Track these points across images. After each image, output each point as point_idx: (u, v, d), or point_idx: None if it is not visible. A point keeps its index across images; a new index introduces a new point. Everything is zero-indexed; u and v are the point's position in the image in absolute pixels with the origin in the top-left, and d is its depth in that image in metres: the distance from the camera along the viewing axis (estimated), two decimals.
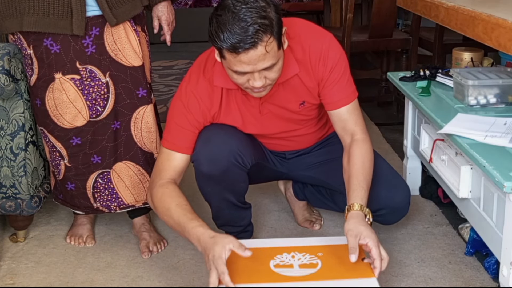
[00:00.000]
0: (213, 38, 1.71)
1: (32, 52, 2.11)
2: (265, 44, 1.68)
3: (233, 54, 1.69)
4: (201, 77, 1.94)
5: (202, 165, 1.96)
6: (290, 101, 1.98)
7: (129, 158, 2.23)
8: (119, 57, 2.15)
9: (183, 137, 1.96)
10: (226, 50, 1.69)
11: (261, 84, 1.77)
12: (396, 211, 2.08)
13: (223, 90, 1.94)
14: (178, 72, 5.03)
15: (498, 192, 1.79)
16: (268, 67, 1.74)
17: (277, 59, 1.76)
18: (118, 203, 2.27)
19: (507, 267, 1.74)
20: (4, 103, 2.19)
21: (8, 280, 2.13)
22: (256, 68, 1.72)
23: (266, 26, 1.68)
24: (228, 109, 1.98)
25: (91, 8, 2.08)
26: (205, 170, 1.97)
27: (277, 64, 1.77)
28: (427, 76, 2.57)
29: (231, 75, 1.79)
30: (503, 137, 1.92)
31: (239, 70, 1.73)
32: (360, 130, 1.96)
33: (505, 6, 2.06)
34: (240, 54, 1.68)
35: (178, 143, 1.96)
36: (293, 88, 1.95)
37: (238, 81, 1.80)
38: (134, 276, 2.13)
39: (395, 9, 3.40)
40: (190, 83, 1.95)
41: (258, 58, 1.69)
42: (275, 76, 1.81)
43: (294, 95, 1.97)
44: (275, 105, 1.98)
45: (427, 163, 2.35)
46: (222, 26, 1.67)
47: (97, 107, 2.16)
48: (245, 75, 1.76)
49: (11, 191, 2.23)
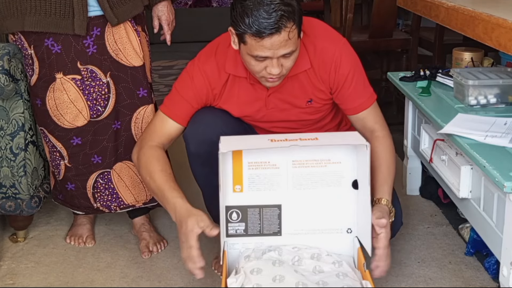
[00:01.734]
0: (237, 22, 1.72)
1: (33, 52, 2.11)
2: (289, 30, 1.71)
3: (257, 38, 1.71)
4: (211, 58, 1.95)
5: (190, 145, 1.98)
6: (297, 97, 1.98)
7: (130, 158, 2.23)
8: (120, 57, 2.15)
9: (182, 107, 1.97)
10: (250, 35, 1.71)
11: (278, 72, 1.78)
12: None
13: (229, 76, 1.95)
14: (178, 72, 5.03)
15: (498, 192, 1.79)
16: (287, 54, 1.76)
17: (296, 47, 1.78)
18: (118, 203, 2.27)
19: (507, 267, 1.74)
20: (4, 103, 2.18)
21: (8, 280, 2.13)
22: (277, 54, 1.74)
23: (289, 12, 1.70)
24: (229, 96, 1.97)
25: (92, 8, 2.08)
26: (192, 150, 1.98)
27: (295, 52, 1.79)
28: (427, 76, 2.57)
29: (248, 61, 1.80)
30: (503, 137, 1.92)
31: (260, 55, 1.74)
32: (380, 127, 1.98)
33: (505, 6, 2.06)
34: (264, 38, 1.70)
35: (176, 112, 1.97)
36: (302, 84, 1.95)
37: (255, 68, 1.80)
38: (134, 276, 2.13)
39: (395, 9, 3.39)
40: (200, 61, 1.97)
41: (280, 43, 1.72)
42: (291, 64, 1.82)
43: (302, 91, 1.97)
44: (282, 100, 1.98)
45: (427, 163, 2.35)
46: (248, 10, 1.69)
47: (98, 107, 2.16)
48: (263, 61, 1.77)
49: (11, 191, 2.23)
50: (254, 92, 1.96)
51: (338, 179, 1.89)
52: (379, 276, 1.79)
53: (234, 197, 1.89)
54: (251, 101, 1.98)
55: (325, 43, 1.92)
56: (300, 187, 1.88)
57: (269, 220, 1.90)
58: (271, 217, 1.90)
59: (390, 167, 1.93)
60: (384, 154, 1.94)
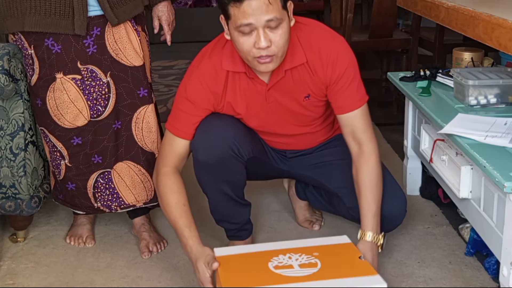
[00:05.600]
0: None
1: (33, 52, 2.11)
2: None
3: (237, 4, 1.73)
4: (205, 60, 1.96)
5: (198, 153, 1.98)
6: (296, 91, 1.98)
7: (130, 158, 2.23)
8: (120, 57, 2.15)
9: (186, 122, 1.98)
10: (231, 5, 1.74)
11: (266, 45, 1.77)
12: (389, 220, 2.06)
13: (228, 74, 1.95)
14: (178, 72, 5.03)
15: (498, 192, 1.79)
16: (271, 21, 1.75)
17: (281, 17, 1.77)
18: (119, 203, 2.27)
19: (507, 267, 1.74)
20: (4, 103, 2.18)
21: (8, 280, 2.13)
22: (260, 20, 1.74)
23: None
24: (232, 92, 1.97)
25: (92, 8, 2.08)
26: (201, 158, 1.98)
27: (281, 26, 1.78)
28: (427, 76, 2.57)
29: (237, 40, 1.80)
30: (503, 137, 1.92)
31: (243, 23, 1.75)
32: (367, 139, 1.98)
33: (505, 6, 2.06)
34: (243, 3, 1.72)
35: (182, 129, 1.98)
36: (300, 78, 1.95)
37: (244, 46, 1.80)
38: (134, 277, 2.13)
39: (395, 9, 3.39)
40: (194, 67, 1.98)
41: (261, 8, 1.73)
42: (281, 41, 1.80)
43: (300, 85, 1.97)
44: (281, 94, 1.98)
45: (427, 163, 2.35)
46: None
47: (98, 107, 2.16)
48: (250, 36, 1.77)
49: (10, 191, 2.23)
50: (253, 86, 1.96)
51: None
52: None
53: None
54: (252, 95, 1.98)
55: (322, 40, 1.93)
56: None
57: None
58: None
59: (375, 191, 1.97)
60: (369, 177, 1.97)
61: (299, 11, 4.99)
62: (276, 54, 1.81)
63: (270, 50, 1.79)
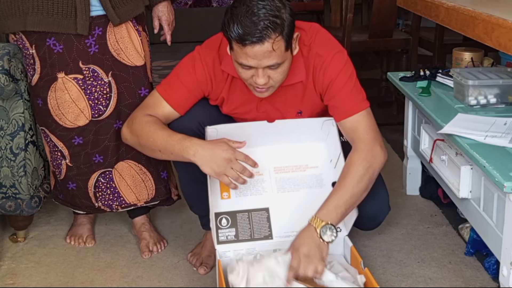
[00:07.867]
0: (224, 27, 1.74)
1: (34, 51, 2.11)
2: (272, 42, 1.70)
3: (240, 45, 1.71)
4: (214, 52, 1.95)
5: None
6: (288, 106, 1.97)
7: (131, 157, 2.23)
8: (122, 56, 2.16)
9: (180, 93, 1.96)
10: (234, 41, 1.72)
11: (264, 82, 1.78)
12: (369, 219, 2.03)
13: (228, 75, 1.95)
14: None
15: (498, 192, 1.79)
16: (272, 66, 1.75)
17: (283, 60, 1.76)
18: (119, 202, 2.27)
19: (507, 267, 1.74)
20: (4, 103, 2.19)
21: (8, 280, 2.13)
22: (261, 64, 1.74)
23: (276, 24, 1.70)
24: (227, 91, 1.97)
25: (94, 8, 2.08)
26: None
27: (282, 66, 1.77)
28: (427, 76, 2.57)
29: (237, 67, 1.81)
30: (503, 137, 1.92)
31: (244, 63, 1.75)
32: (367, 139, 1.87)
33: (505, 6, 2.06)
34: (246, 46, 1.70)
35: (173, 96, 1.96)
36: (295, 94, 1.95)
37: (242, 75, 1.81)
38: (134, 276, 2.13)
39: (395, 9, 3.39)
40: (203, 51, 1.96)
41: (263, 54, 1.71)
42: (279, 78, 1.81)
43: (294, 101, 1.96)
44: (272, 106, 1.98)
45: (427, 163, 2.35)
46: (235, 17, 1.71)
47: (100, 107, 2.16)
48: (250, 70, 1.77)
49: (11, 191, 2.23)
50: (248, 94, 1.96)
51: (318, 181, 1.95)
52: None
53: (222, 204, 1.92)
54: (244, 102, 1.98)
55: (320, 49, 1.90)
56: (284, 190, 1.95)
57: (259, 224, 1.91)
58: (261, 221, 1.91)
59: (348, 185, 1.77)
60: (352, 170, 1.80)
61: (299, 11, 4.99)
62: (273, 86, 1.83)
63: (267, 84, 1.80)
